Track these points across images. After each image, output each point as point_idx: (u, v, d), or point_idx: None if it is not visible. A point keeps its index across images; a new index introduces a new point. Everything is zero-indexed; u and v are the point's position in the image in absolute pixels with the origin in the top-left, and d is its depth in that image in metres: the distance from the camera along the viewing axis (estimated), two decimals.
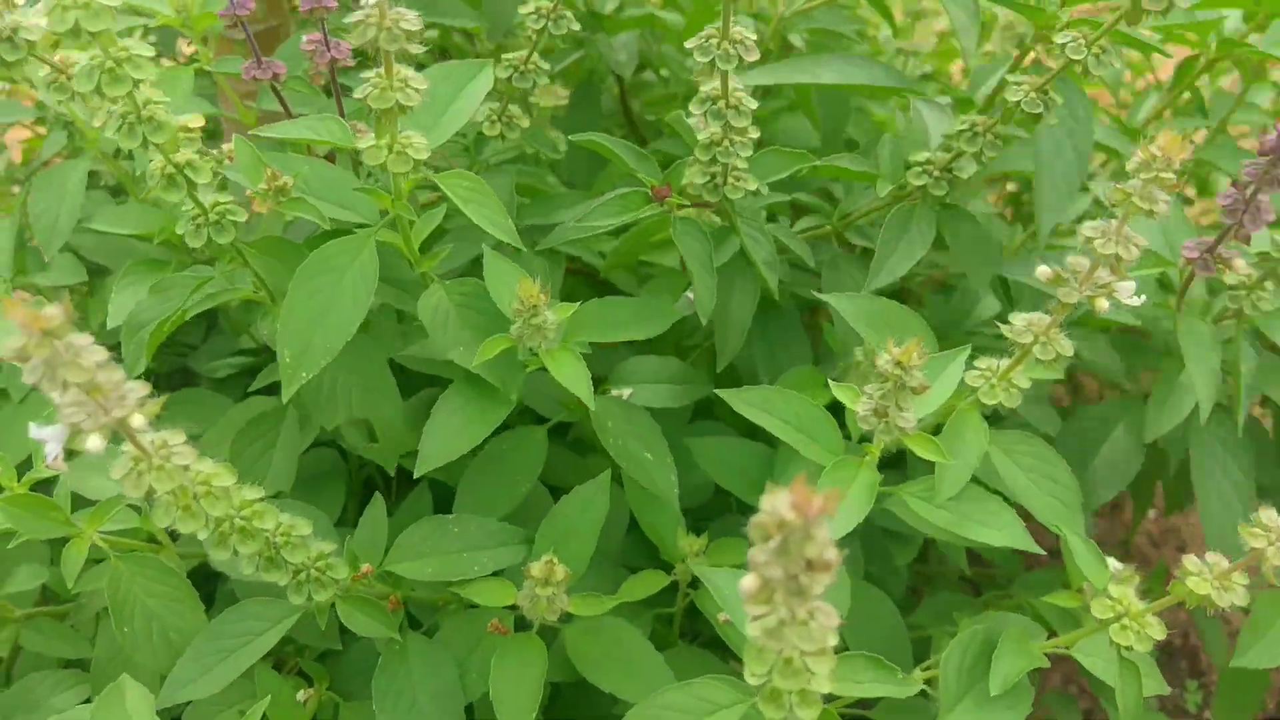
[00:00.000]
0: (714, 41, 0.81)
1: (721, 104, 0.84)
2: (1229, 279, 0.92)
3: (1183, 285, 0.99)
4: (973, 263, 1.01)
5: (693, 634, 1.16)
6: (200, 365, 1.36)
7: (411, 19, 0.71)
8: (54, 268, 1.24)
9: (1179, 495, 1.38)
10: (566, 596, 0.94)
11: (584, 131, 1.47)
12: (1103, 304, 0.76)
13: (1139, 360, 1.16)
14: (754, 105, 0.86)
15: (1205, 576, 0.85)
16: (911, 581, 1.33)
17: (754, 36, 0.81)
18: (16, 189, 1.43)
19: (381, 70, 0.74)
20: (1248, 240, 0.89)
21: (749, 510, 0.47)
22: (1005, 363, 0.87)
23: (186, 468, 0.76)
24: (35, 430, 0.68)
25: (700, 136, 0.88)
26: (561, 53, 1.55)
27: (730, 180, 0.90)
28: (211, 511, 0.79)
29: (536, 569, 0.92)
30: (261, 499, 0.84)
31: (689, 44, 0.81)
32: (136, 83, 0.75)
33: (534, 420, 1.07)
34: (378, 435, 1.00)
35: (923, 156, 0.99)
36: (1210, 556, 0.86)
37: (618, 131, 1.64)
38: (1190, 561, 0.86)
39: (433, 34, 1.50)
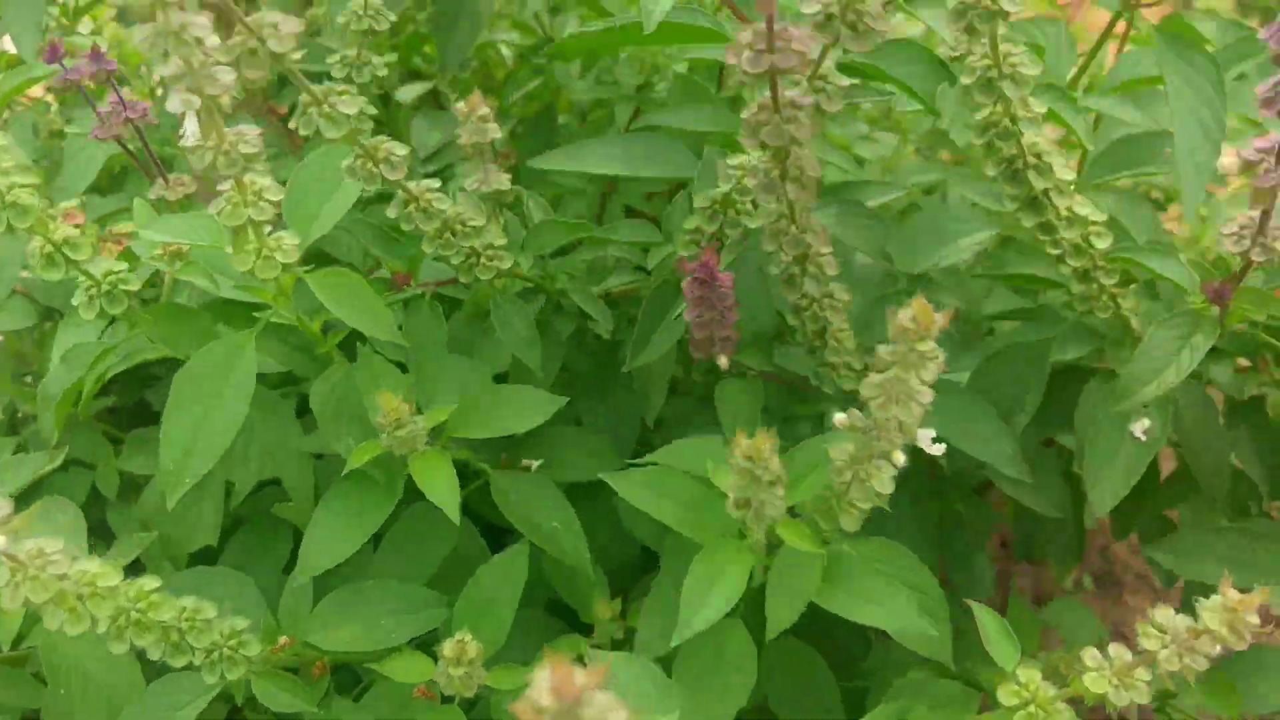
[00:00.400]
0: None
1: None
2: None
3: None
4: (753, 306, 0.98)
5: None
6: (159, 400, 1.38)
7: (252, 139, 0.70)
8: (5, 310, 1.26)
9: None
10: (484, 670, 0.94)
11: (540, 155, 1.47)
12: (899, 456, 0.75)
13: None
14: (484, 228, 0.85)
15: (1104, 673, 0.83)
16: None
17: None
18: None
19: (233, 182, 0.73)
20: None
21: None
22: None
23: (63, 575, 0.77)
24: None
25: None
26: (521, 79, 1.54)
27: (483, 261, 0.89)
28: (98, 612, 0.81)
29: (449, 649, 0.91)
30: (157, 589, 0.86)
31: None
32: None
33: None
34: (290, 495, 1.01)
35: (691, 225, 0.95)
36: (1113, 648, 0.83)
37: None
38: (1090, 656, 0.84)
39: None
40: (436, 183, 0.85)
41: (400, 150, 0.79)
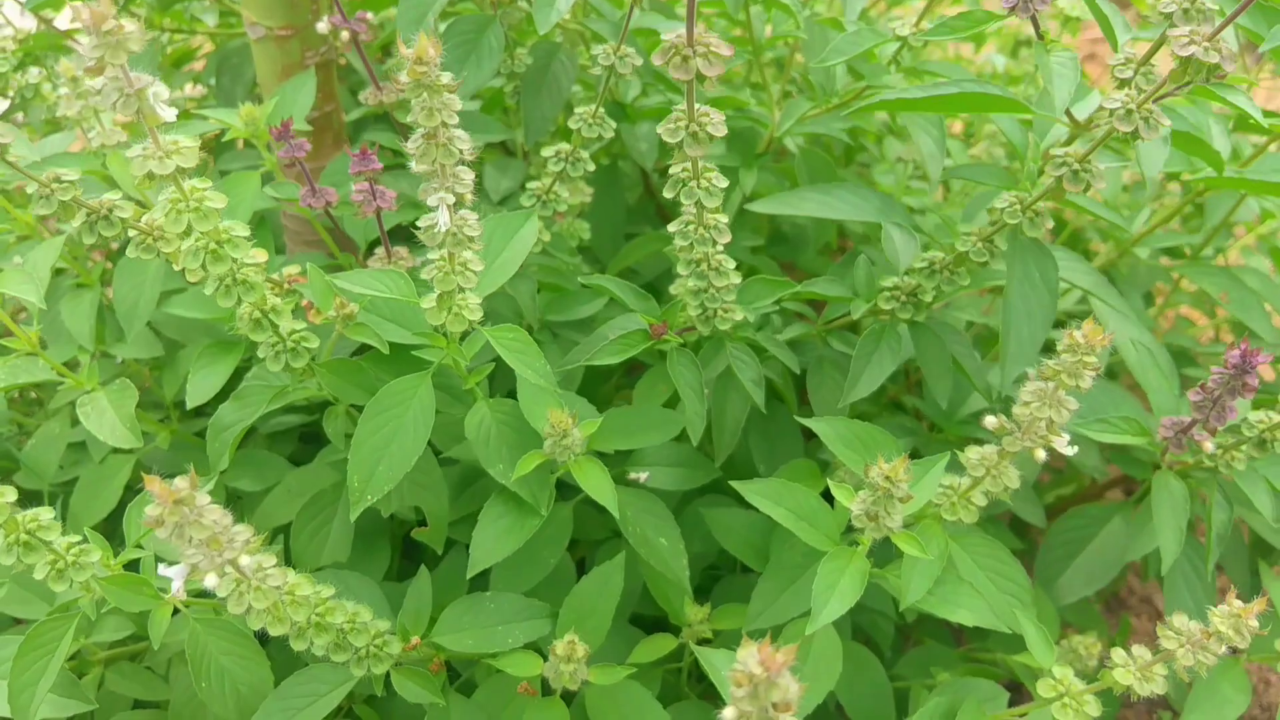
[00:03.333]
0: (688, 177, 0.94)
1: (704, 266, 0.99)
2: (1207, 446, 1.07)
3: (1160, 454, 1.13)
4: (934, 375, 1.16)
5: (700, 685, 1.32)
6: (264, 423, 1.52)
7: (473, 223, 0.86)
8: (132, 342, 1.38)
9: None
10: (587, 668, 1.09)
11: (608, 219, 1.62)
12: (1040, 454, 0.91)
13: (1135, 469, 1.30)
14: (732, 266, 1.00)
15: (1129, 668, 1.01)
16: (900, 623, 1.48)
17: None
18: (98, 256, 1.56)
19: (444, 255, 0.89)
20: (1214, 432, 1.04)
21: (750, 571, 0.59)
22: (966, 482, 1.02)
23: (278, 587, 0.92)
24: (163, 569, 0.84)
25: (685, 287, 1.02)
26: (588, 142, 1.70)
27: (720, 313, 1.04)
28: (295, 617, 0.95)
29: (560, 648, 1.05)
30: (333, 596, 1.00)
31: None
32: (235, 261, 0.90)
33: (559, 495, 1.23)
34: (428, 521, 1.16)
35: (890, 282, 1.13)
36: (1135, 648, 1.02)
37: (644, 216, 1.79)
38: (1117, 654, 1.02)
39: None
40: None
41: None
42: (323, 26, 1.23)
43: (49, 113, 1.59)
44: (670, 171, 0.96)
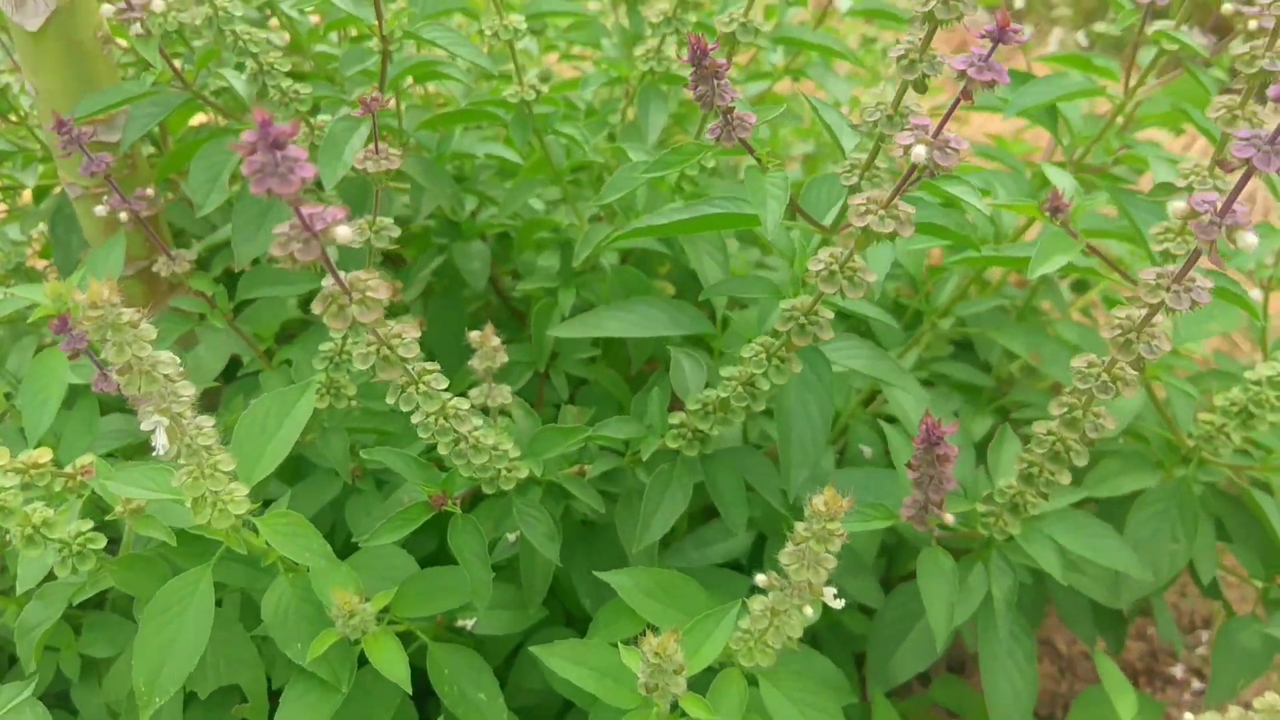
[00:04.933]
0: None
1: (462, 445, 0.99)
2: (946, 518, 1.07)
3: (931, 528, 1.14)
4: (727, 506, 1.15)
5: None
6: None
7: (208, 430, 0.86)
8: None
9: None
10: None
11: (448, 334, 1.63)
12: (808, 610, 0.93)
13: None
14: (490, 442, 1.01)
15: None
16: None
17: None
18: None
19: (193, 465, 0.89)
20: (941, 505, 1.05)
21: None
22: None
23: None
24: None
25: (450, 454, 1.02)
26: (425, 258, 1.71)
27: (504, 474, 1.04)
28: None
29: None
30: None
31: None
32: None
33: None
34: (247, 697, 1.15)
35: (677, 420, 1.13)
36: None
37: (496, 322, 1.80)
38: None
39: None
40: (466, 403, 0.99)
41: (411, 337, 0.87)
42: (101, 210, 1.23)
43: None
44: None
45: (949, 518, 1.05)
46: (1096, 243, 1.16)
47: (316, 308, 0.70)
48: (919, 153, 0.75)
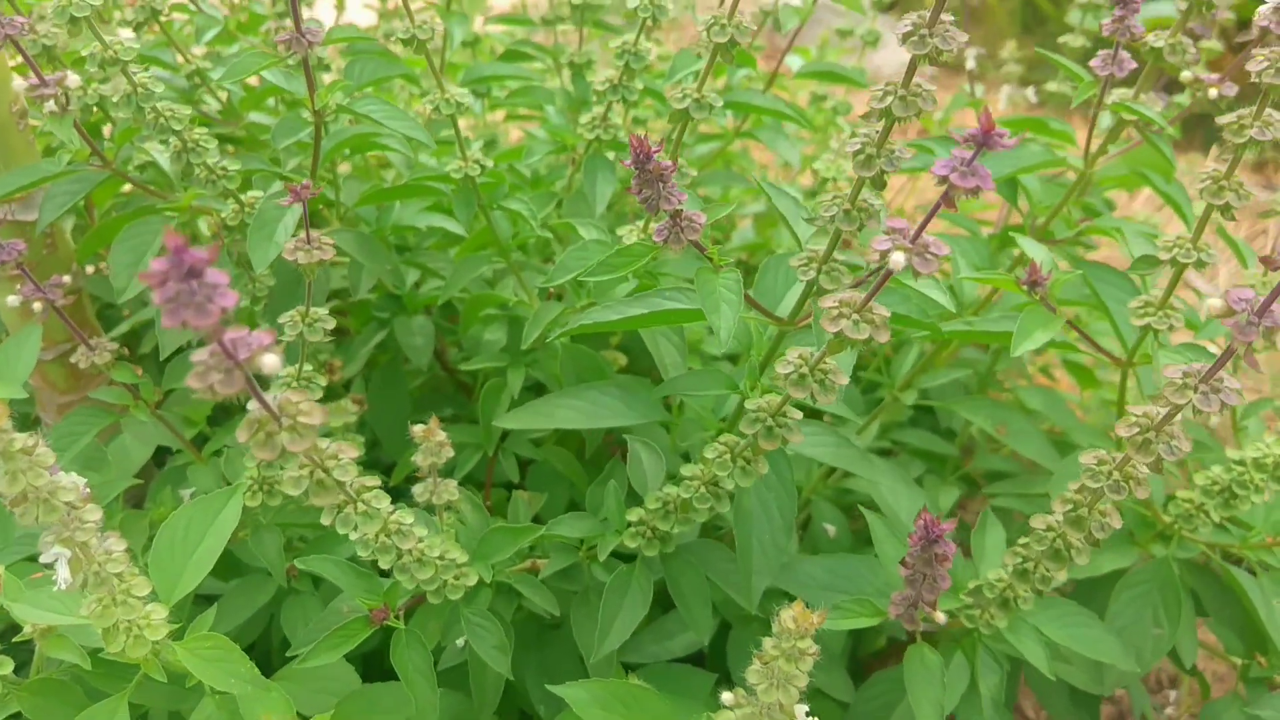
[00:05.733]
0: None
1: (406, 560, 0.92)
2: (938, 617, 1.01)
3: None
4: (689, 608, 1.08)
5: None
6: None
7: (118, 555, 0.78)
8: None
9: None
10: None
11: (391, 413, 1.56)
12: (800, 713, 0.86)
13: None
14: (438, 553, 0.94)
15: None
16: None
17: None
18: None
19: (103, 594, 0.80)
20: (934, 604, 0.99)
21: None
22: None
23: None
24: None
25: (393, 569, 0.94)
26: (367, 333, 1.64)
27: (450, 582, 0.96)
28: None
29: None
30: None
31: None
32: None
33: None
34: None
35: (635, 516, 1.06)
36: None
37: (441, 397, 1.73)
38: None
39: None
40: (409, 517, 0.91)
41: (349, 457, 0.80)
42: (13, 300, 1.15)
43: None
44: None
45: (941, 617, 0.99)
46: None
47: (241, 435, 0.62)
48: (897, 259, 0.69)
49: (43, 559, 0.71)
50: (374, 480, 0.82)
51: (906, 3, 3.57)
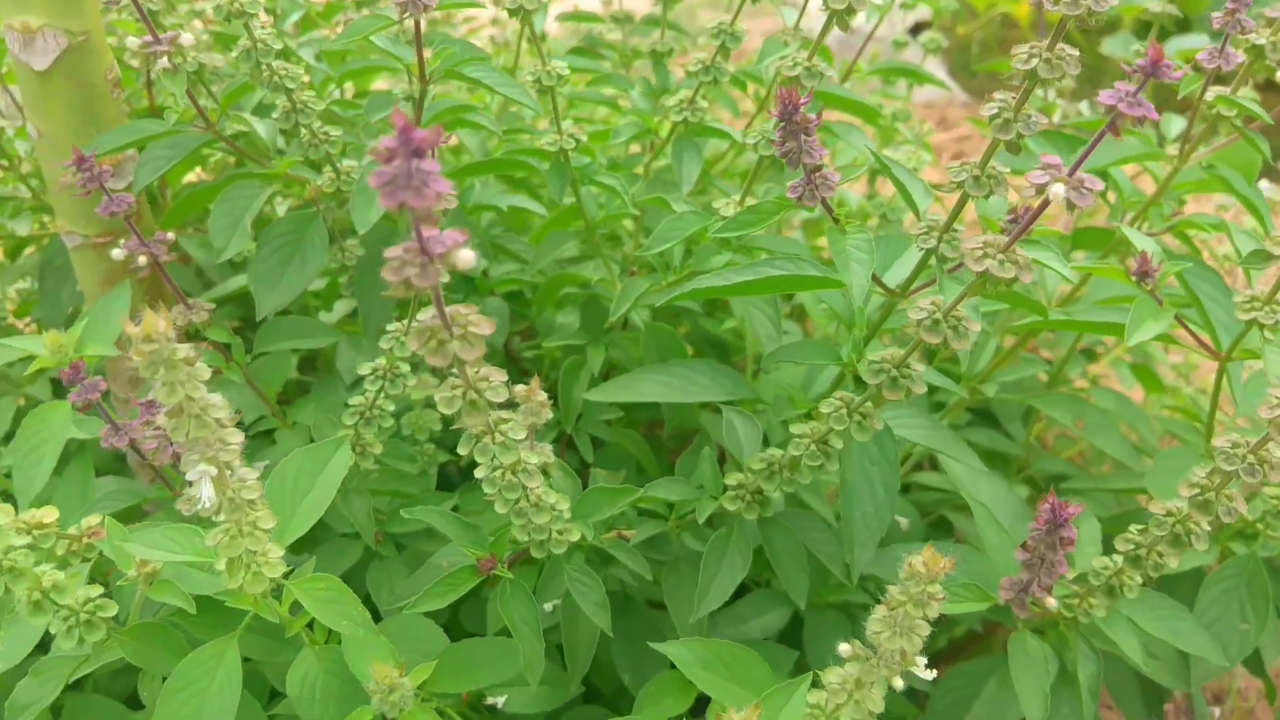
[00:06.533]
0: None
1: (523, 503, 0.91)
2: (1049, 603, 1.01)
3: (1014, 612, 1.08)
4: (787, 572, 1.08)
5: None
6: None
7: (252, 483, 0.78)
8: None
9: None
10: None
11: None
12: (898, 681, 0.85)
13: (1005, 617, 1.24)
14: (553, 500, 0.93)
15: None
16: None
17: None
18: None
19: (231, 523, 0.81)
20: (1049, 590, 0.99)
21: None
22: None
23: None
24: None
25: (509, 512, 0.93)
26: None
27: (555, 537, 0.96)
28: None
29: None
30: None
31: None
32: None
33: None
34: None
35: (734, 480, 1.06)
36: None
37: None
38: None
39: None
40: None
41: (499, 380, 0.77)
42: (118, 254, 1.15)
43: None
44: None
45: (1052, 602, 0.99)
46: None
47: (413, 344, 0.63)
48: (1056, 191, 0.70)
49: (188, 476, 0.71)
50: (509, 414, 0.83)
51: None
